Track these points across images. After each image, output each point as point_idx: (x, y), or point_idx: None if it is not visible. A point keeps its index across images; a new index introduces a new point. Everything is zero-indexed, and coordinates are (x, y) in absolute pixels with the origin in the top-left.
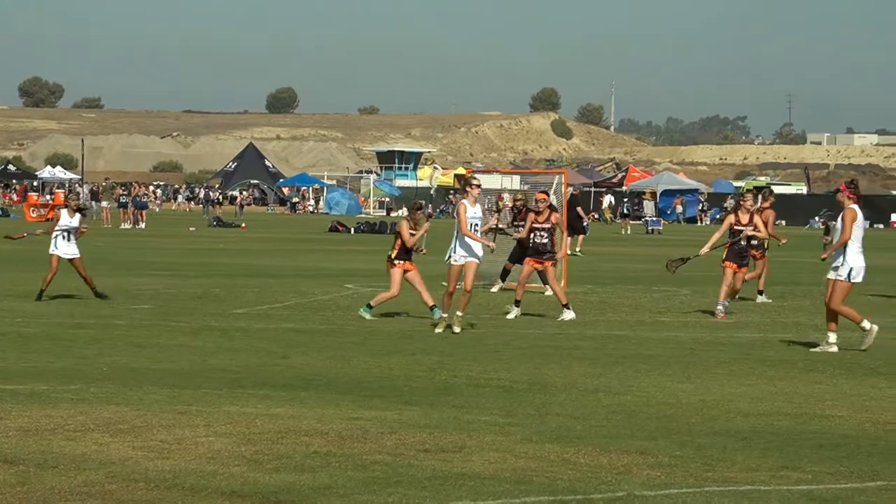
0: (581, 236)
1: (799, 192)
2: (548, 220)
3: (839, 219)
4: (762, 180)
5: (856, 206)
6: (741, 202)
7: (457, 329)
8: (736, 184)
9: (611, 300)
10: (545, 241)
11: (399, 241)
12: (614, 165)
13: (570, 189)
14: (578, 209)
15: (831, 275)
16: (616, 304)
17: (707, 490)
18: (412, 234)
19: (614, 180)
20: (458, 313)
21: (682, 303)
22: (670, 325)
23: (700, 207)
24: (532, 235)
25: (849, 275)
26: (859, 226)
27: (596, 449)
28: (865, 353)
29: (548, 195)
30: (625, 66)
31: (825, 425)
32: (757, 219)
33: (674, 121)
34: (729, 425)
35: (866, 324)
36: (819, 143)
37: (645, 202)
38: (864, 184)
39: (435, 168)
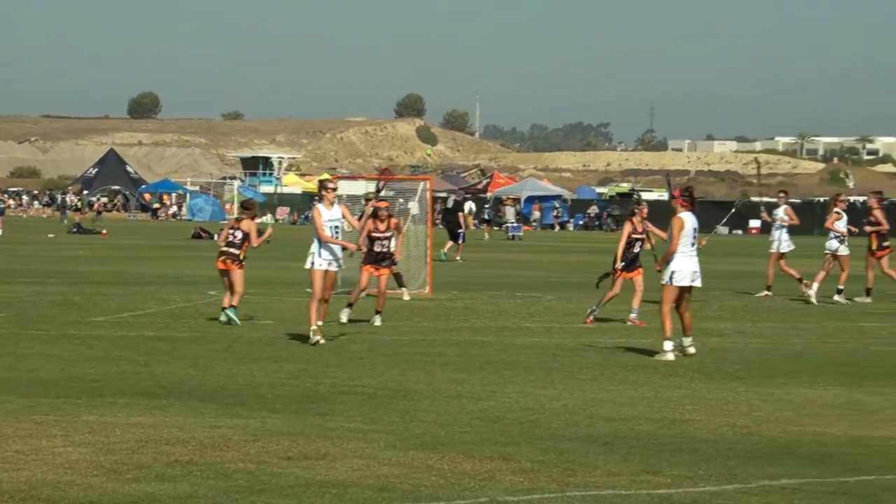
0: (460, 243)
1: (661, 198)
2: (388, 227)
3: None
4: (624, 186)
5: (685, 214)
6: (637, 210)
7: (321, 340)
8: (599, 190)
9: (475, 306)
10: (385, 249)
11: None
12: (479, 172)
13: (454, 196)
14: (460, 215)
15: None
16: (480, 310)
17: (569, 495)
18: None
19: (479, 186)
20: (319, 322)
21: (546, 308)
22: (534, 330)
23: (555, 214)
24: (372, 243)
25: (670, 278)
26: (688, 233)
27: (459, 455)
28: (724, 358)
29: (388, 203)
30: (489, 72)
31: (685, 429)
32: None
33: (538, 127)
34: (591, 430)
35: (667, 345)
36: (680, 150)
37: (506, 208)
38: (723, 190)
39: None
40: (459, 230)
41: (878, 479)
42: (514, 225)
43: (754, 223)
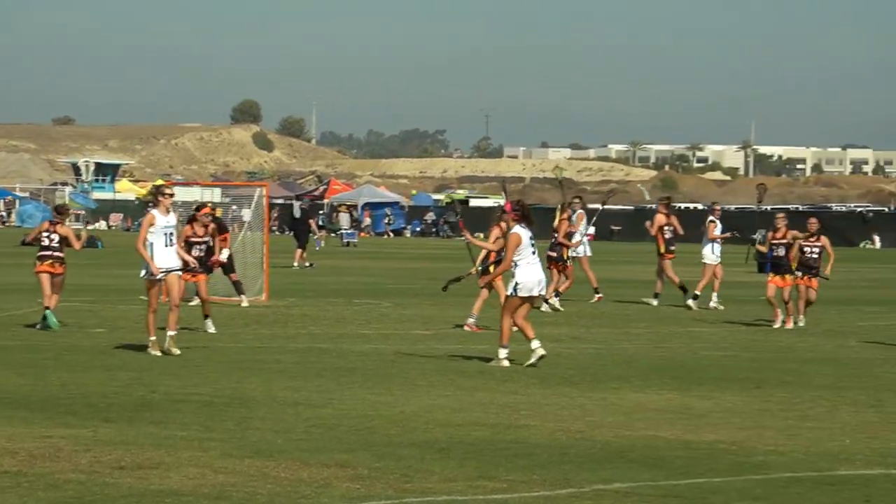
0: (301, 251)
1: (497, 204)
2: (207, 234)
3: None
4: (461, 193)
5: (519, 229)
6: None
7: (175, 350)
8: (435, 197)
9: (313, 313)
10: (202, 254)
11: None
12: (316, 178)
13: (299, 203)
14: (311, 222)
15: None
16: (318, 317)
17: (406, 501)
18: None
19: (316, 193)
20: (171, 332)
21: (383, 315)
22: (371, 337)
23: (386, 221)
24: (190, 248)
25: (514, 289)
26: (525, 245)
27: (296, 462)
28: (558, 364)
29: (213, 208)
30: (326, 79)
31: (520, 435)
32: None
33: (375, 134)
34: (428, 436)
35: (502, 352)
36: (515, 157)
37: (340, 214)
38: (557, 197)
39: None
40: (313, 236)
41: (708, 481)
42: (349, 232)
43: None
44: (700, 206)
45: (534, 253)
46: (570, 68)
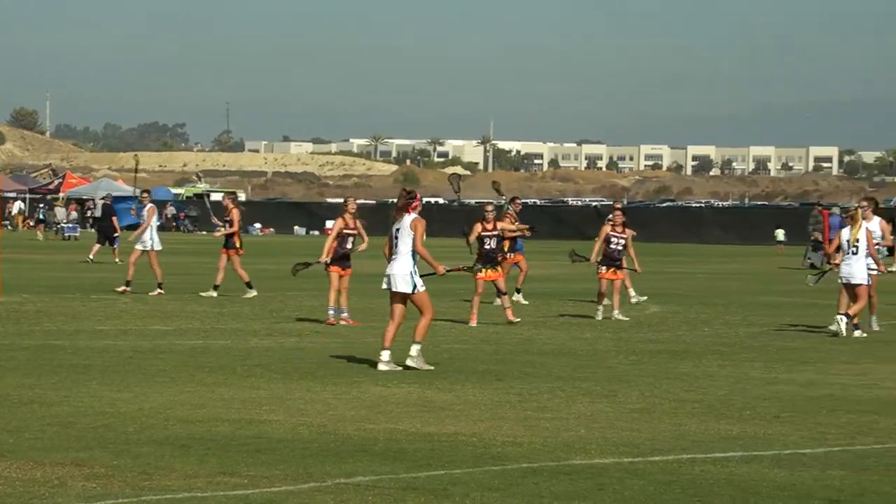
0: (115, 247)
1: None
2: None
3: None
4: (201, 187)
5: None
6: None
7: None
8: (175, 191)
9: (48, 309)
10: None
11: None
12: (51, 171)
13: (102, 200)
14: (114, 219)
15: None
16: (53, 313)
17: (144, 499)
18: None
19: (51, 186)
20: None
21: (123, 311)
22: (109, 333)
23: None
24: None
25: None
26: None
27: (29, 462)
28: (302, 357)
29: None
30: (60, 71)
31: (262, 430)
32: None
33: (112, 127)
34: (167, 433)
35: (384, 354)
36: (257, 151)
37: (57, 209)
38: (300, 191)
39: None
40: (115, 234)
41: (448, 473)
42: (70, 226)
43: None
44: (441, 201)
45: (396, 247)
46: (311, 62)
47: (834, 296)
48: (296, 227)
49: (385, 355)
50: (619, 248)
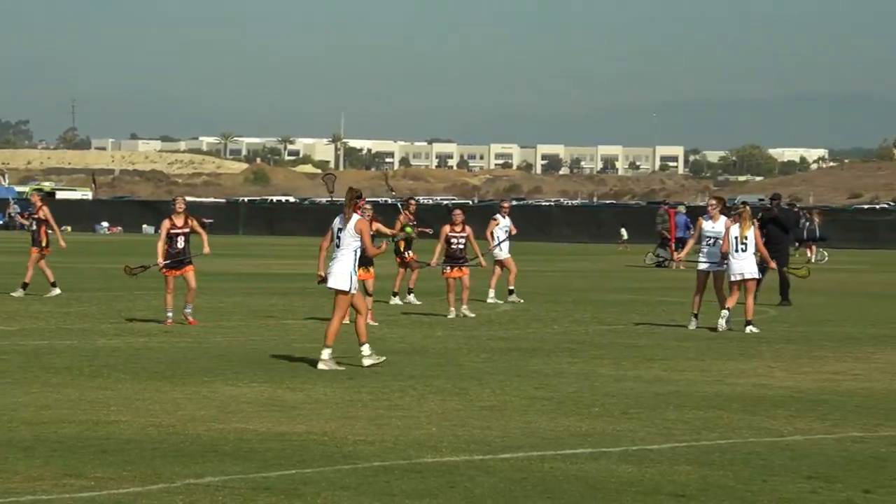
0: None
1: (85, 197)
2: None
3: None
4: (47, 185)
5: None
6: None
7: None
8: (20, 189)
9: None
10: None
11: None
12: None
13: None
14: None
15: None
16: None
17: None
18: None
19: None
20: None
21: None
22: None
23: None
24: None
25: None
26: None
27: None
28: (151, 358)
29: None
30: None
31: (110, 431)
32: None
33: None
34: (11, 435)
35: (325, 353)
36: (104, 149)
37: None
38: (149, 189)
39: None
40: None
41: (299, 472)
42: None
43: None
44: (292, 199)
45: (338, 247)
46: (160, 59)
47: (686, 294)
48: (144, 226)
49: (325, 353)
50: (461, 246)
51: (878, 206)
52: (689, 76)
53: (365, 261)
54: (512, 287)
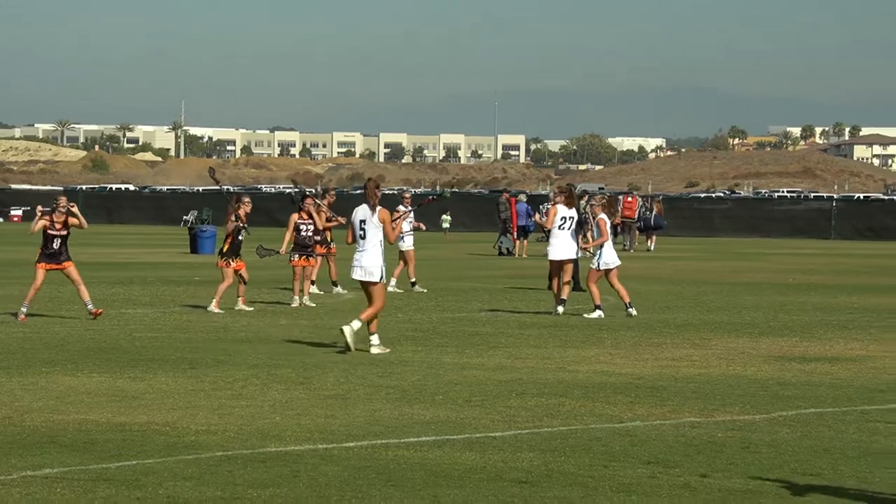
0: None
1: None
2: None
3: None
4: None
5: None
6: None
7: None
8: None
9: None
10: None
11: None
12: None
13: None
14: None
15: None
16: None
17: None
18: None
19: None
20: None
21: None
22: None
23: None
24: None
25: None
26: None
27: None
28: None
29: None
30: None
31: None
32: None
33: None
34: None
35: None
36: None
37: None
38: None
39: None
40: None
41: (140, 463)
42: None
43: (15, 211)
44: (132, 187)
45: (363, 237)
46: None
47: (530, 281)
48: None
49: (374, 339)
50: (309, 234)
51: (714, 195)
52: (531, 65)
53: (234, 250)
54: (413, 279)
